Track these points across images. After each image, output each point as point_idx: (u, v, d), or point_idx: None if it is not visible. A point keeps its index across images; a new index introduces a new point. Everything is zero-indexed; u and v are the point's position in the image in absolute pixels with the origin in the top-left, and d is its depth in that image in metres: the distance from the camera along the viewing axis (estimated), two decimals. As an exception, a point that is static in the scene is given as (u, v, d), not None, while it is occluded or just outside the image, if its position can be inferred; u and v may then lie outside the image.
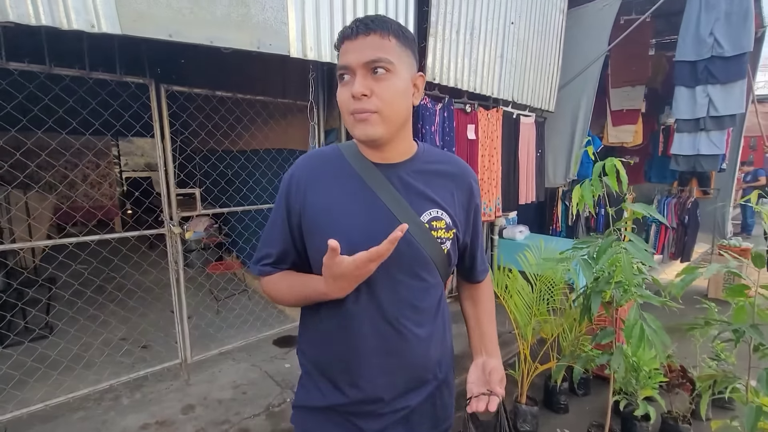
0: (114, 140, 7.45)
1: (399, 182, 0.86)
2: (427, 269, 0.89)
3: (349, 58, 0.78)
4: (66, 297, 2.67)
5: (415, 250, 0.86)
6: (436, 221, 0.88)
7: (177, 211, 2.54)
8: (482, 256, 1.07)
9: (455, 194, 0.92)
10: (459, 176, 0.94)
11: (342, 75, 0.81)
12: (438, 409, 0.97)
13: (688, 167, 3.94)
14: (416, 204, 0.86)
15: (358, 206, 0.85)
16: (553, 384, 2.55)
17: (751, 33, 3.39)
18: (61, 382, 2.41)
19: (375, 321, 0.86)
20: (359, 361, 0.87)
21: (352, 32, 0.78)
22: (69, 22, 1.48)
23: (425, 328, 0.90)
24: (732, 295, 1.54)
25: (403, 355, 0.88)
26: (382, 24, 0.78)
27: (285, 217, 0.90)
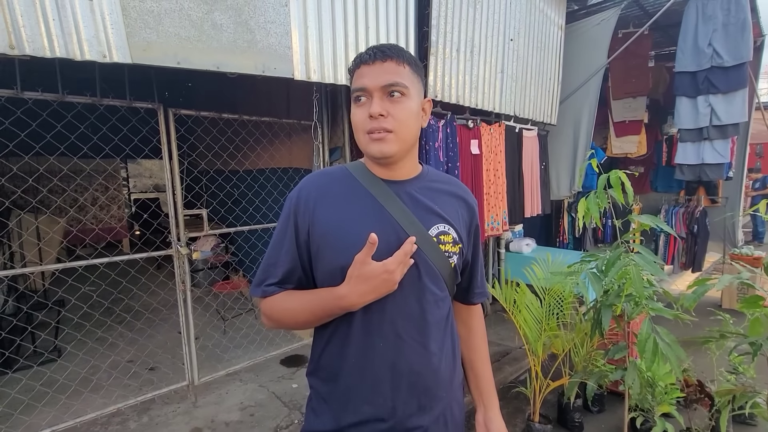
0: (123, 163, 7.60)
1: (407, 197, 0.90)
2: (435, 282, 0.90)
3: (366, 81, 0.84)
4: (75, 320, 2.69)
5: (423, 263, 0.88)
6: (444, 235, 0.91)
7: (185, 231, 2.56)
8: (481, 278, 1.07)
9: (459, 212, 0.96)
10: (462, 196, 0.98)
11: (358, 97, 0.85)
12: (450, 427, 0.95)
13: (693, 176, 3.93)
14: (424, 219, 0.89)
15: (368, 220, 0.86)
16: (567, 401, 2.49)
17: (749, 43, 3.42)
18: (68, 407, 2.40)
19: (386, 336, 0.87)
20: (372, 377, 0.87)
21: (370, 58, 0.84)
22: (82, 54, 1.54)
23: (436, 342, 0.91)
24: (747, 306, 1.52)
25: (415, 370, 0.88)
26: (397, 52, 0.85)
27: (292, 236, 0.89)
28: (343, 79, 2.29)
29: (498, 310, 3.68)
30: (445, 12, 2.73)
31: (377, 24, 2.40)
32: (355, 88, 0.85)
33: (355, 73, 0.87)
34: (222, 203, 3.84)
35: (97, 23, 1.55)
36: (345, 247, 0.84)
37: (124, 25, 1.59)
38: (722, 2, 3.46)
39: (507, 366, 3.25)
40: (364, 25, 2.34)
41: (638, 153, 5.07)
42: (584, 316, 2.23)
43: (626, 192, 1.74)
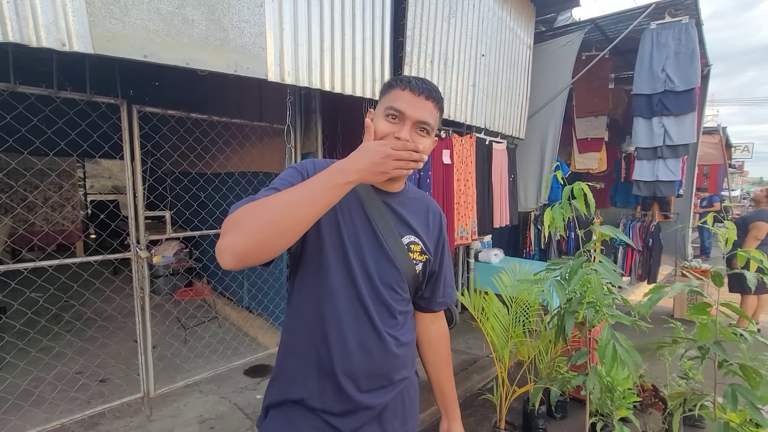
0: (80, 161, 7.18)
1: (388, 208, 1.02)
2: (400, 284, 1.02)
3: (407, 107, 0.92)
4: (17, 327, 2.48)
5: (393, 266, 0.99)
6: (413, 245, 1.03)
7: (145, 234, 2.44)
8: (445, 289, 1.15)
9: (430, 227, 1.09)
10: (434, 213, 1.11)
11: (392, 115, 0.93)
12: (407, 407, 1.06)
13: (648, 192, 4.18)
14: (400, 228, 1.02)
15: (352, 220, 0.97)
16: (531, 408, 2.53)
17: (697, 70, 3.71)
18: (4, 422, 2.20)
19: (356, 315, 0.95)
20: (342, 352, 0.94)
21: (419, 90, 0.93)
22: (39, 40, 1.45)
23: (398, 331, 1.02)
24: (695, 313, 1.61)
25: (379, 353, 0.97)
26: (439, 96, 0.97)
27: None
28: (318, 83, 2.28)
29: (467, 318, 3.72)
30: (420, 24, 2.79)
31: (353, 31, 2.41)
32: (393, 107, 0.92)
33: (395, 91, 0.94)
34: (187, 206, 3.69)
35: (57, 9, 1.46)
36: (331, 237, 0.94)
37: (87, 13, 1.52)
38: (674, 32, 3.74)
39: (474, 374, 3.28)
40: (341, 30, 2.35)
41: (599, 169, 5.35)
42: (548, 323, 2.29)
43: (588, 203, 1.82)
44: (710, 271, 1.64)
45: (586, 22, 4.38)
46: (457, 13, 3.11)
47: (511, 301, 2.53)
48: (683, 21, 3.72)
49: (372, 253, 0.97)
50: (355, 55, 2.45)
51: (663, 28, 3.80)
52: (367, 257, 0.96)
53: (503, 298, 2.59)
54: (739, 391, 1.41)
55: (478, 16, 3.34)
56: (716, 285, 1.58)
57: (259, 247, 0.73)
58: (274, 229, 0.73)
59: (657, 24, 3.83)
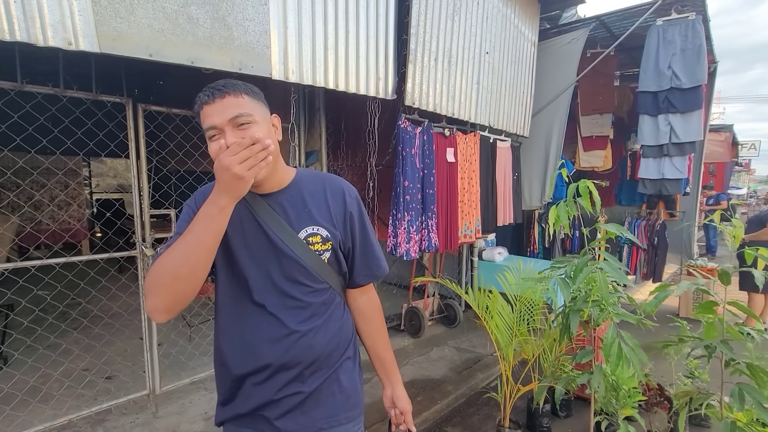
0: (86, 160, 7.23)
1: (279, 207, 1.01)
2: (306, 276, 1.02)
3: (214, 119, 0.90)
4: (24, 324, 2.50)
5: (294, 262, 1.00)
6: (312, 237, 1.03)
7: (150, 232, 2.45)
8: (368, 261, 1.13)
9: (331, 207, 1.06)
10: (334, 190, 1.08)
11: (212, 135, 0.92)
12: (338, 398, 1.07)
13: (654, 190, 4.15)
14: (295, 223, 1.01)
15: (244, 230, 1.00)
16: (536, 406, 2.53)
17: (704, 67, 3.67)
18: (13, 418, 2.23)
19: (261, 314, 0.99)
20: (251, 344, 0.99)
21: (209, 97, 0.90)
22: (45, 39, 1.46)
23: (309, 323, 1.02)
24: (702, 312, 1.60)
25: (289, 346, 0.99)
26: (232, 86, 0.93)
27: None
28: (322, 82, 2.28)
29: (471, 317, 3.72)
30: (424, 22, 2.78)
31: (357, 29, 2.41)
32: (207, 128, 0.91)
33: (201, 116, 0.93)
34: (192, 204, 3.70)
35: (63, 8, 1.47)
36: (226, 254, 0.99)
37: (93, 13, 1.53)
38: (680, 28, 3.71)
39: (478, 372, 3.28)
40: (344, 28, 2.35)
41: (604, 167, 5.31)
42: (553, 322, 2.28)
43: (594, 201, 1.81)
44: (717, 269, 1.63)
45: (591, 19, 4.34)
46: (461, 10, 3.09)
47: (516, 300, 2.53)
48: (690, 17, 3.68)
49: (267, 255, 0.99)
50: (359, 54, 2.44)
51: (669, 25, 3.76)
52: (263, 260, 0.99)
53: (507, 297, 2.58)
54: (746, 390, 1.40)
55: (482, 13, 3.32)
56: (723, 283, 1.56)
57: (177, 298, 0.85)
58: (180, 279, 0.84)
59: (663, 20, 3.79)
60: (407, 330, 3.97)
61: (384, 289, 4.76)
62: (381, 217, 3.82)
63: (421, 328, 3.86)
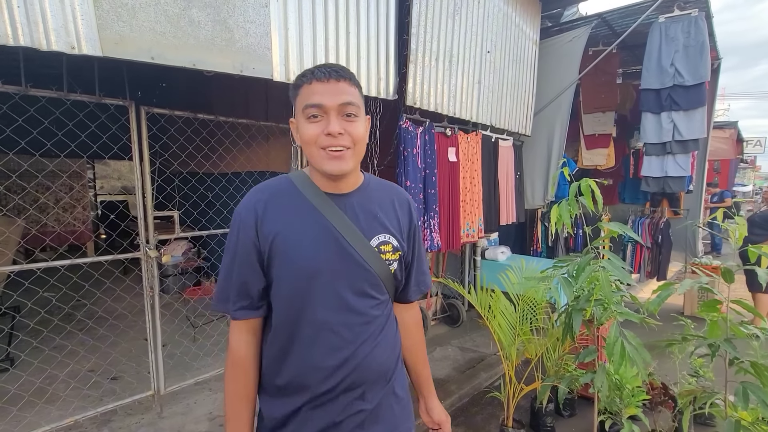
0: (90, 162, 7.28)
1: (351, 211, 0.95)
2: (376, 288, 0.97)
3: (323, 98, 0.85)
4: (30, 326, 2.53)
5: (365, 271, 0.94)
6: (384, 245, 0.97)
7: (154, 234, 2.47)
8: (419, 276, 1.11)
9: (399, 218, 1.02)
10: (401, 201, 1.04)
11: (313, 114, 0.86)
12: (396, 412, 1.03)
13: (657, 188, 4.13)
14: (366, 229, 0.95)
15: (313, 233, 0.91)
16: (539, 406, 2.53)
17: (707, 64, 3.65)
18: (20, 419, 2.25)
19: (327, 335, 0.92)
20: (313, 369, 0.93)
21: (325, 75, 0.85)
22: (49, 44, 1.47)
23: (372, 340, 0.97)
24: (706, 310, 1.59)
25: (356, 366, 0.94)
26: (349, 74, 0.89)
27: (249, 249, 0.92)
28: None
29: (474, 316, 3.71)
30: (424, 21, 2.78)
31: (358, 29, 2.42)
32: (310, 104, 0.86)
33: (304, 88, 0.87)
34: (195, 206, 3.73)
35: (66, 13, 1.48)
36: (291, 260, 0.90)
37: (96, 17, 1.54)
38: (683, 25, 3.68)
39: (482, 372, 3.27)
40: (345, 29, 2.35)
41: (607, 165, 5.29)
42: (556, 321, 2.28)
43: (596, 200, 1.80)
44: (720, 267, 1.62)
45: (593, 16, 4.33)
46: (462, 9, 3.09)
47: (518, 299, 2.52)
48: (692, 14, 3.66)
49: (336, 265, 0.91)
50: (359, 54, 2.45)
51: (672, 22, 3.74)
52: (330, 271, 0.91)
53: (510, 296, 2.58)
54: (751, 389, 1.40)
55: (484, 12, 3.32)
56: (726, 281, 1.55)
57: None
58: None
59: (665, 17, 3.77)
60: (410, 330, 3.97)
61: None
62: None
63: (425, 328, 3.86)
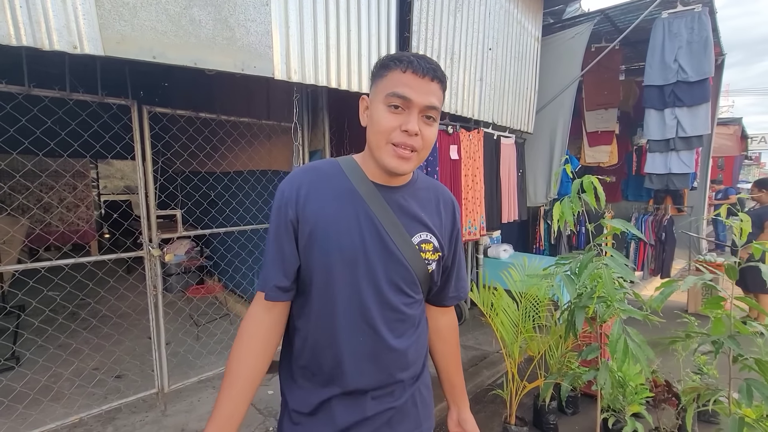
0: (93, 162, 7.32)
1: (396, 205, 0.92)
2: (412, 287, 0.94)
3: (413, 93, 0.81)
4: (35, 324, 2.54)
5: (404, 268, 0.91)
6: (425, 243, 0.94)
7: (157, 232, 2.48)
8: (457, 282, 1.08)
9: (443, 219, 0.99)
10: (446, 202, 1.01)
11: (396, 104, 0.82)
12: (420, 409, 1.01)
13: (661, 185, 4.11)
14: (409, 226, 0.92)
15: (356, 223, 0.88)
16: (542, 403, 2.52)
17: (711, 59, 3.62)
18: (26, 417, 2.26)
19: (362, 328, 0.90)
20: (347, 362, 0.90)
21: (423, 71, 0.81)
22: (51, 43, 1.48)
23: (407, 338, 0.96)
24: (709, 307, 1.58)
25: (389, 363, 0.93)
26: (444, 76, 0.86)
27: (289, 228, 0.89)
28: (324, 81, 2.28)
29: (476, 314, 3.71)
30: (426, 19, 2.77)
31: (359, 27, 2.41)
32: (396, 93, 0.81)
33: (395, 73, 0.82)
34: (197, 205, 3.74)
35: (68, 13, 1.49)
36: (331, 248, 0.86)
37: (97, 16, 1.54)
38: (686, 21, 3.66)
39: (484, 370, 3.27)
40: (346, 27, 2.35)
41: (610, 162, 5.27)
42: (559, 318, 2.28)
43: (599, 197, 1.80)
44: (724, 264, 1.61)
45: (596, 12, 4.31)
46: (464, 7, 3.08)
47: (521, 297, 2.52)
48: (696, 9, 3.63)
49: (377, 258, 0.89)
50: (360, 52, 2.44)
51: (675, 17, 3.72)
52: (372, 265, 0.88)
53: (513, 294, 2.57)
54: (755, 386, 1.39)
55: (485, 9, 3.30)
56: (730, 278, 1.55)
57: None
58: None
59: (669, 13, 3.75)
60: (413, 328, 3.97)
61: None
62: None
63: (427, 326, 3.86)
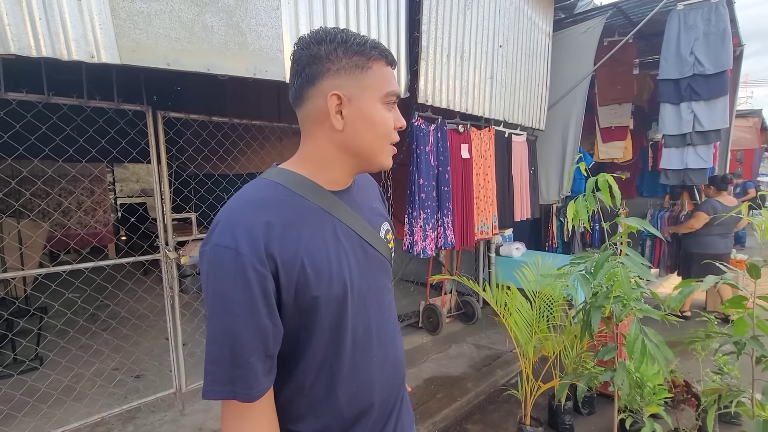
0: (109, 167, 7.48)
1: (355, 206, 0.84)
2: (390, 278, 0.92)
3: (395, 86, 0.77)
4: (57, 326, 2.61)
5: (384, 264, 0.88)
6: (388, 233, 0.91)
7: (173, 236, 2.52)
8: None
9: (382, 200, 1.00)
10: (374, 185, 1.00)
11: (392, 102, 0.77)
12: (408, 410, 0.96)
13: (677, 181, 4.02)
14: (373, 221, 0.87)
15: (337, 243, 0.76)
16: (557, 403, 2.50)
17: (729, 51, 3.53)
18: (50, 416, 2.33)
19: (368, 343, 0.82)
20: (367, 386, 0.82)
21: (391, 61, 0.77)
22: (69, 54, 1.52)
23: (398, 338, 0.91)
24: (731, 306, 1.55)
25: (394, 371, 0.89)
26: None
27: (267, 292, 0.67)
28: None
29: (489, 314, 3.69)
30: (435, 18, 2.76)
31: (368, 28, 2.41)
32: (394, 92, 0.76)
33: (380, 66, 0.74)
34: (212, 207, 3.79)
35: (85, 23, 1.52)
36: (328, 278, 0.73)
37: (113, 26, 1.58)
38: (703, 12, 3.57)
39: (498, 369, 3.25)
40: (356, 29, 2.35)
41: (624, 158, 5.18)
42: (574, 318, 2.25)
43: (614, 195, 1.77)
44: (746, 262, 1.58)
45: (608, 6, 4.23)
46: (473, 4, 3.06)
47: (535, 296, 2.50)
48: (713, 0, 3.54)
49: (368, 266, 0.82)
50: (370, 53, 2.45)
51: (691, 9, 3.63)
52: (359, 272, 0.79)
53: (525, 292, 2.55)
54: (779, 388, 1.36)
55: (495, 6, 3.27)
56: (752, 277, 1.51)
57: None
58: None
59: (684, 5, 3.66)
60: (425, 327, 3.97)
61: (401, 287, 4.76)
62: (396, 216, 3.83)
63: (439, 326, 3.85)
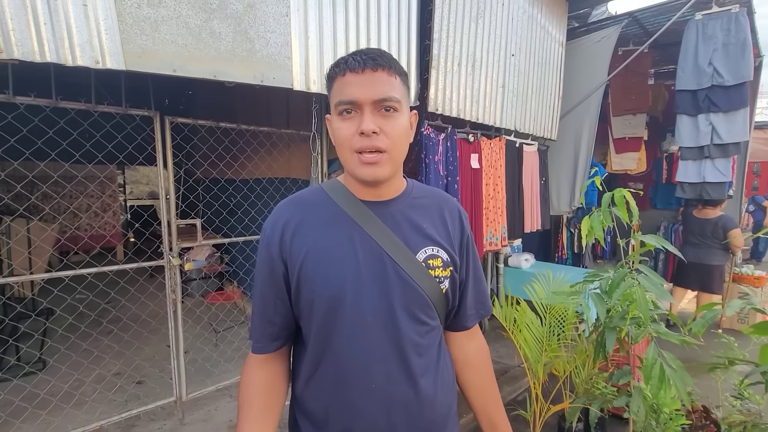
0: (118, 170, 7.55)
1: (392, 220, 0.81)
2: (426, 311, 0.82)
3: (356, 92, 0.73)
4: (60, 331, 2.59)
5: (413, 290, 0.80)
6: (433, 259, 0.82)
7: (177, 242, 2.49)
8: (477, 296, 0.95)
9: (449, 228, 0.87)
10: (451, 209, 0.90)
11: (346, 110, 0.75)
12: None
13: (694, 195, 3.90)
14: (411, 241, 0.81)
15: (350, 249, 0.79)
16: (568, 425, 2.40)
17: (750, 62, 3.43)
18: (49, 423, 2.30)
19: (373, 370, 0.79)
20: (363, 415, 0.79)
21: (359, 65, 0.73)
22: (74, 59, 1.50)
23: (429, 376, 0.83)
24: (758, 333, 1.46)
25: (409, 408, 0.80)
26: (389, 61, 0.76)
27: (275, 272, 0.82)
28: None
29: (496, 327, 3.60)
30: (447, 26, 2.72)
31: (379, 36, 2.38)
32: (342, 101, 0.74)
33: (337, 81, 0.76)
34: (217, 213, 3.78)
35: (91, 28, 1.50)
36: (326, 279, 0.78)
37: (119, 31, 1.55)
38: (722, 22, 3.48)
39: (505, 385, 3.16)
40: (366, 36, 2.32)
41: (638, 170, 5.07)
42: (586, 336, 2.16)
43: (631, 211, 1.70)
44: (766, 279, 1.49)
45: (624, 15, 4.15)
46: (486, 13, 3.01)
47: (545, 311, 2.41)
48: (733, 10, 3.45)
49: (378, 284, 0.78)
50: (380, 61, 2.41)
51: (710, 19, 3.54)
52: (372, 292, 0.78)
53: (535, 307, 2.47)
54: (811, 423, 1.26)
55: (508, 15, 3.23)
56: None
57: None
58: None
59: (703, 14, 3.58)
60: (431, 339, 3.89)
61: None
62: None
63: (446, 338, 3.77)
